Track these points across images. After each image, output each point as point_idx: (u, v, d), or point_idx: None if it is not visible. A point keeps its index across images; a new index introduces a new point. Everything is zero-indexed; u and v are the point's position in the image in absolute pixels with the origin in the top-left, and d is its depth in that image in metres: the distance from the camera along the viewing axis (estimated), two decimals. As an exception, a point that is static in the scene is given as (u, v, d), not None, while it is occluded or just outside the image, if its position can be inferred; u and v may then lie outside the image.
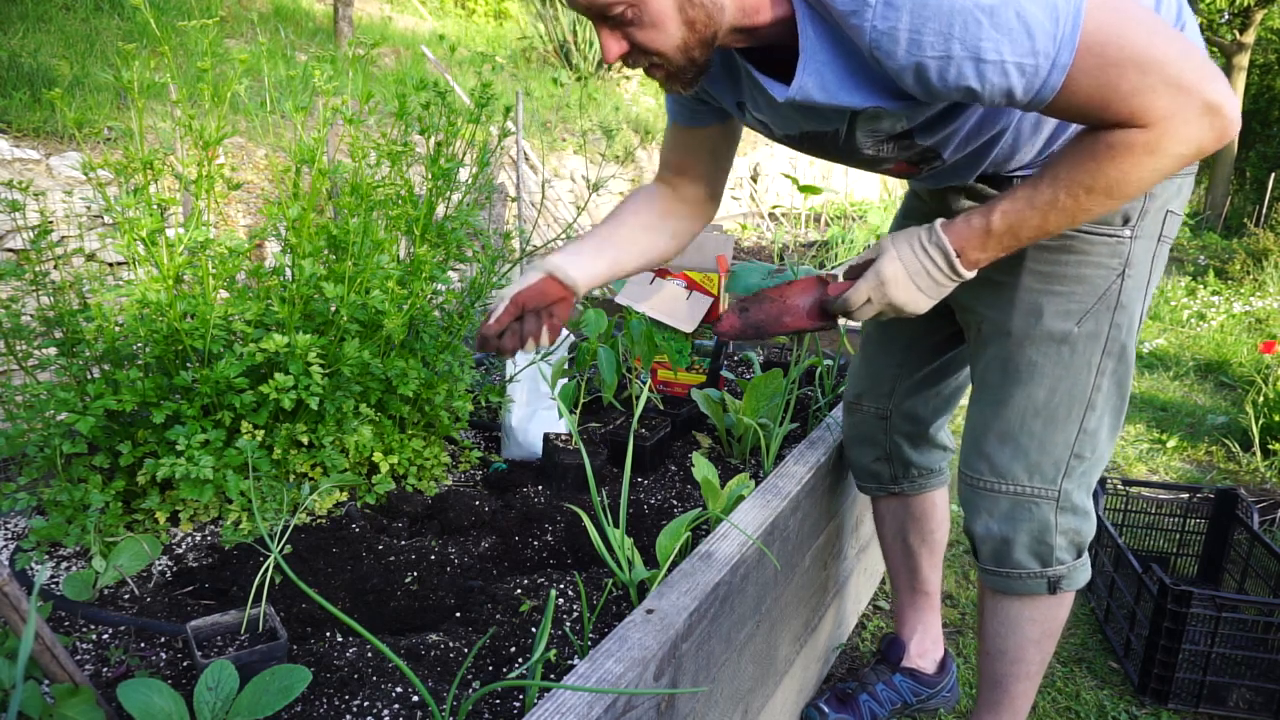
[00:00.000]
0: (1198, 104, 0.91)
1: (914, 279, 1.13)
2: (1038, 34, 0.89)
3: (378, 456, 1.56)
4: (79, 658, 1.09)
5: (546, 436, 1.73)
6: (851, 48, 0.99)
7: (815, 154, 1.26)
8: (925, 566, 1.72)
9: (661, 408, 1.98)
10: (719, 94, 1.25)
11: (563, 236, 2.45)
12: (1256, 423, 3.51)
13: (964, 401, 1.58)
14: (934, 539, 1.70)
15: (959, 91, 0.94)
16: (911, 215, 1.49)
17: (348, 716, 0.99)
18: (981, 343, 1.35)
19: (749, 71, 1.12)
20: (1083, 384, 1.26)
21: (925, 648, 1.77)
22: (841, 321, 1.24)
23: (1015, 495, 1.32)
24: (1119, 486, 2.46)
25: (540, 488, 1.65)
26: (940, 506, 1.68)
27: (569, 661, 1.11)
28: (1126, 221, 1.20)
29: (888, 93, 1.02)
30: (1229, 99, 0.93)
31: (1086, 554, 1.38)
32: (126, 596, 1.23)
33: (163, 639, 1.13)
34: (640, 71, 1.23)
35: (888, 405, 1.59)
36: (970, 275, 1.13)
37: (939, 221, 1.12)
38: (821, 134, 1.17)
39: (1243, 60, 15.34)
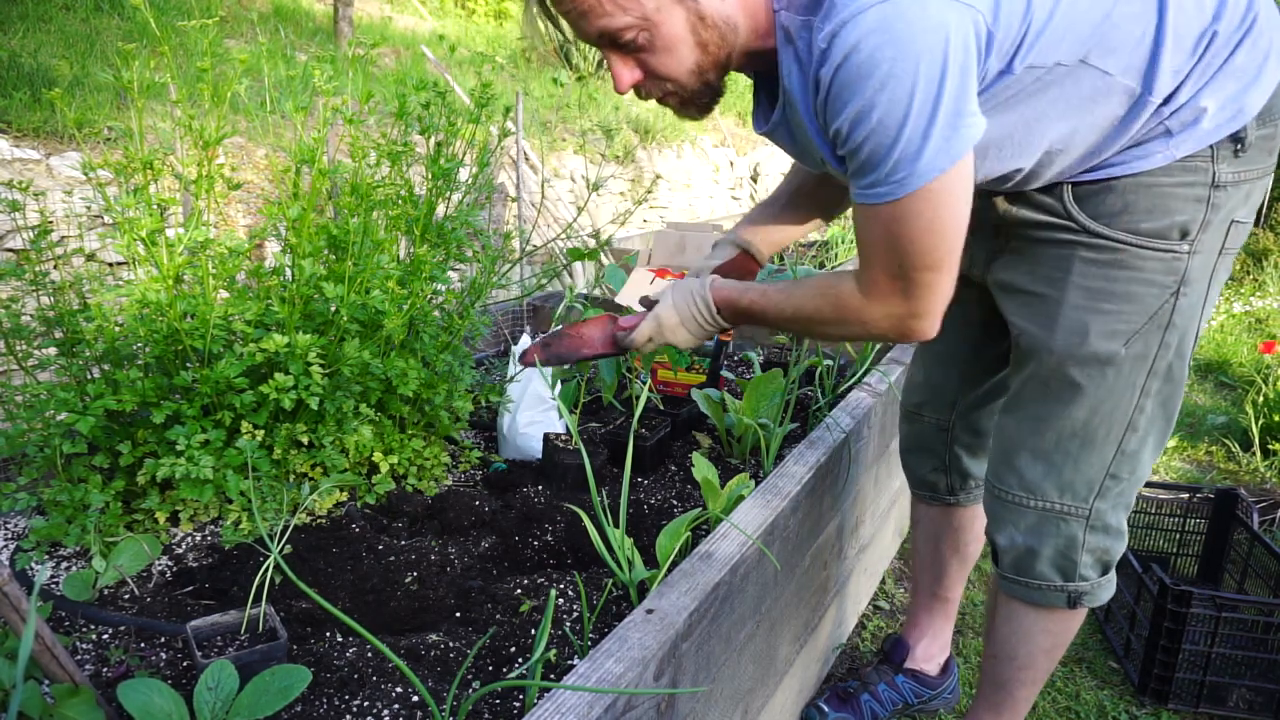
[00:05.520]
0: (909, 315, 1.06)
1: (684, 324, 1.29)
2: (903, 159, 0.95)
3: (378, 456, 1.56)
4: (79, 658, 1.09)
5: (546, 436, 1.73)
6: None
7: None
8: (953, 574, 1.70)
9: (661, 408, 1.98)
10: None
11: (562, 236, 2.45)
12: (1256, 423, 3.51)
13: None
14: (967, 550, 1.68)
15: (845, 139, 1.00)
16: None
17: (348, 716, 0.99)
18: (1021, 355, 1.28)
19: (756, 91, 1.20)
20: (1125, 406, 1.20)
21: (932, 653, 1.77)
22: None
23: (1043, 510, 1.28)
24: (1119, 486, 2.45)
25: (540, 488, 1.65)
26: (981, 520, 1.61)
27: (569, 661, 1.11)
28: (1185, 235, 1.11)
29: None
30: (934, 328, 1.08)
31: (1113, 572, 1.33)
32: (126, 596, 1.23)
33: (163, 639, 1.13)
34: None
35: (949, 417, 1.56)
36: (730, 326, 1.28)
37: (713, 278, 1.28)
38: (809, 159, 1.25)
39: (1243, 60, 15.28)
